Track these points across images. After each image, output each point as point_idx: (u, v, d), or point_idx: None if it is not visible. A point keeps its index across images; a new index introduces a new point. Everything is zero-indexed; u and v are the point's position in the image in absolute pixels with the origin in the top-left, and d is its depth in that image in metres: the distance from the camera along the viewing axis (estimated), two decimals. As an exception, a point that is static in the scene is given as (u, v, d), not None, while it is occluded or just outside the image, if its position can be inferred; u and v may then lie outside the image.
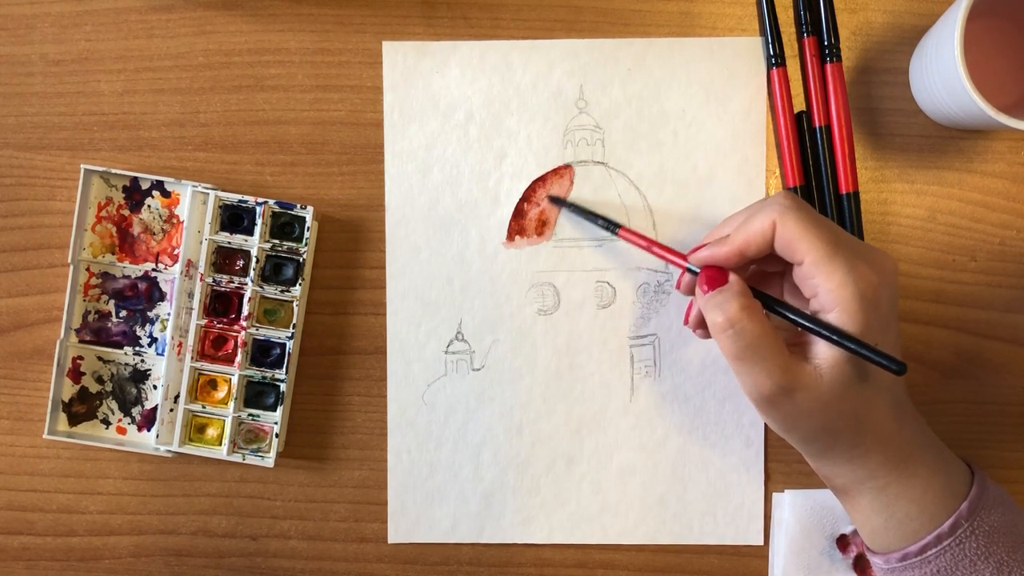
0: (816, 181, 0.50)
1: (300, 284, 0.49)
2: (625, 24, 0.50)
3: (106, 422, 0.50)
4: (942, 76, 0.45)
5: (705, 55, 0.50)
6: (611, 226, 0.48)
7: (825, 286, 0.38)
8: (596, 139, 0.50)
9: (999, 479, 0.50)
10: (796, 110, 0.50)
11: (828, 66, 0.49)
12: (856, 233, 0.49)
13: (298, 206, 0.48)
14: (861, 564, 0.49)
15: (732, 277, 0.40)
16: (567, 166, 0.50)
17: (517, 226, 0.50)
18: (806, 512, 0.49)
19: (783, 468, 0.50)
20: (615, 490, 0.50)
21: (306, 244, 0.49)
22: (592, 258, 0.50)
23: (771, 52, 0.49)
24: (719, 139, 0.50)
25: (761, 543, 0.50)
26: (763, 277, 0.45)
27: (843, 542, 0.50)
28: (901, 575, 0.41)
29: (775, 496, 0.50)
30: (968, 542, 0.40)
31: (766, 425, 0.50)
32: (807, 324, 0.38)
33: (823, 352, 0.39)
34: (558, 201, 0.50)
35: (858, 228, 0.49)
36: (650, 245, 0.46)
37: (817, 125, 0.49)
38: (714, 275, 0.41)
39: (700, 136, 0.50)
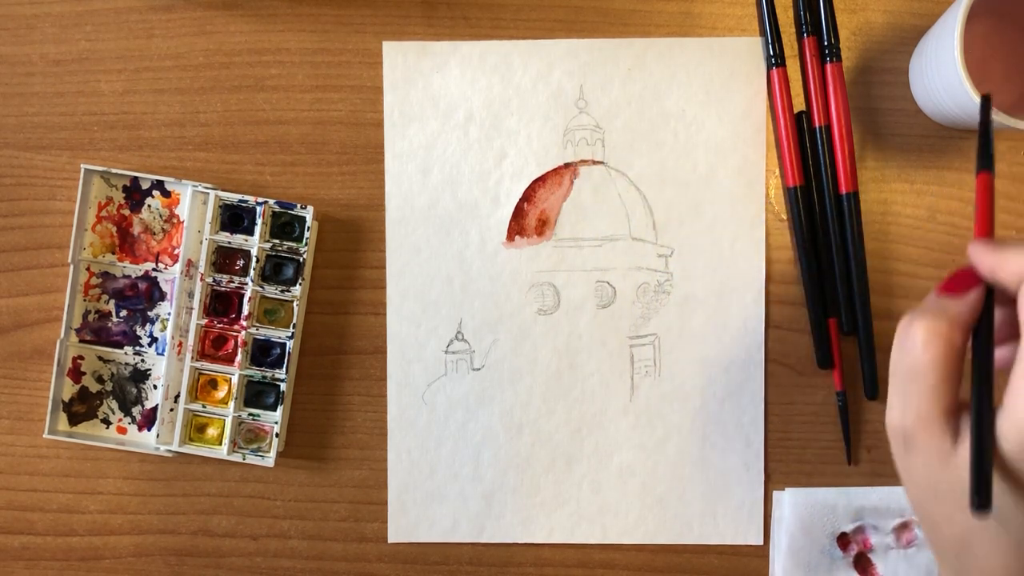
0: (816, 181, 0.50)
1: (300, 284, 0.49)
2: (625, 24, 0.50)
3: (106, 422, 0.50)
4: (942, 76, 0.45)
5: (705, 55, 0.50)
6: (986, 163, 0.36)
7: (1014, 396, 0.29)
8: (596, 139, 0.50)
9: (999, 479, 0.50)
10: (796, 110, 0.50)
11: (828, 66, 0.49)
12: (856, 233, 0.49)
13: (298, 206, 0.48)
14: (861, 562, 0.49)
15: (972, 295, 0.31)
16: (567, 166, 0.50)
17: (517, 226, 0.50)
18: (806, 510, 0.49)
19: (783, 468, 0.50)
20: (615, 490, 0.50)
21: (306, 244, 0.49)
22: (592, 258, 0.50)
23: (771, 52, 0.49)
24: (719, 139, 0.50)
25: (761, 543, 0.50)
26: None
27: (843, 540, 0.50)
28: None
29: (775, 494, 0.50)
30: None
31: (766, 425, 0.50)
32: (977, 413, 0.29)
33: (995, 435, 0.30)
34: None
35: (858, 228, 0.49)
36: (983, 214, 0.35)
37: (817, 125, 0.49)
38: (962, 278, 0.32)
39: (700, 136, 0.50)
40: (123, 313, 0.50)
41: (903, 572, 0.49)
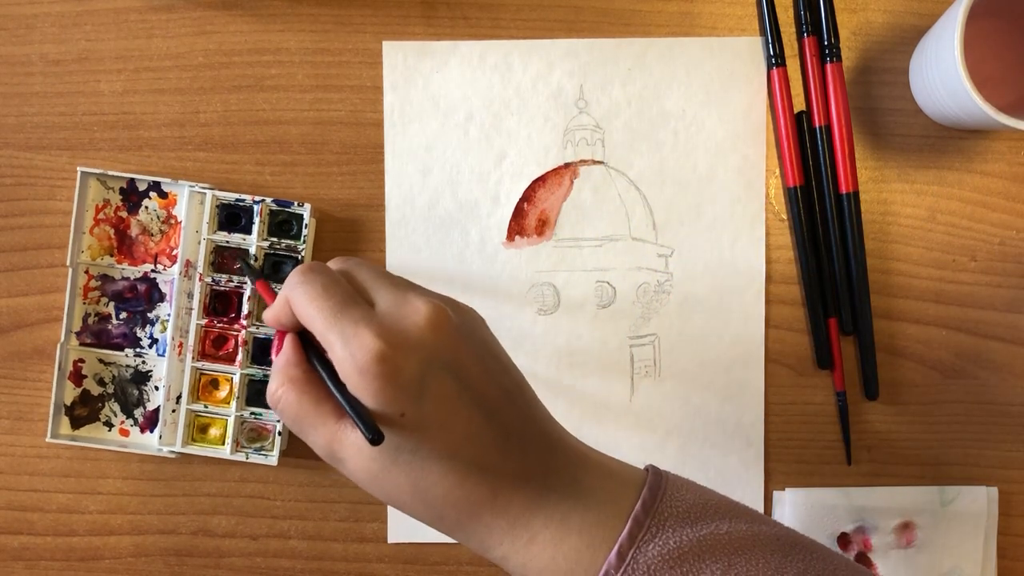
0: (816, 181, 0.50)
1: (300, 284, 0.49)
2: (625, 24, 0.50)
3: (109, 424, 0.50)
4: (942, 76, 0.45)
5: (705, 55, 0.50)
6: (252, 274, 0.44)
7: (333, 360, 0.33)
8: (596, 139, 0.50)
9: (999, 479, 0.50)
10: (796, 110, 0.50)
11: (828, 66, 0.49)
12: (856, 233, 0.49)
13: (295, 203, 0.48)
14: (862, 562, 0.49)
15: (286, 343, 0.36)
16: (567, 166, 0.50)
17: (517, 226, 0.50)
18: (807, 510, 0.49)
19: (783, 467, 0.50)
20: (615, 490, 0.50)
21: (304, 241, 0.48)
22: (592, 258, 0.50)
23: (771, 52, 0.49)
24: (719, 139, 0.50)
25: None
26: None
27: (844, 540, 0.50)
28: None
29: (775, 494, 0.50)
30: None
31: (766, 425, 0.50)
32: (334, 390, 0.34)
33: None
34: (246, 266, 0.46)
35: (858, 228, 0.49)
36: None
37: (817, 125, 0.49)
38: (280, 341, 0.37)
39: (700, 136, 0.50)
40: (123, 315, 0.50)
41: (903, 572, 0.49)
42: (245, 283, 0.49)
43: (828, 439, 0.50)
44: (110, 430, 0.50)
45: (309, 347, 0.36)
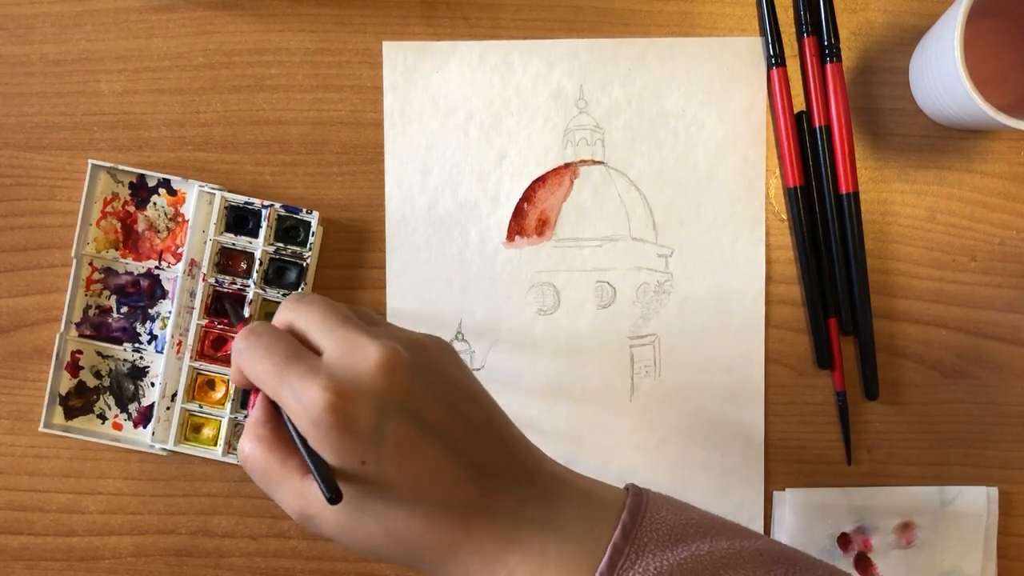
0: (816, 181, 0.50)
1: (302, 288, 0.49)
2: (625, 24, 0.50)
3: (102, 417, 0.50)
4: (942, 76, 0.45)
5: (705, 55, 0.50)
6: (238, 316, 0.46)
7: (291, 416, 0.33)
8: (596, 139, 0.50)
9: (999, 479, 0.50)
10: (796, 110, 0.50)
11: (828, 66, 0.49)
12: (856, 233, 0.49)
13: (304, 210, 0.48)
14: (863, 562, 0.49)
15: (257, 401, 0.36)
16: (567, 166, 0.50)
17: (517, 226, 0.50)
18: (807, 510, 0.49)
19: (783, 468, 0.50)
20: (615, 490, 0.50)
21: (310, 249, 0.48)
22: (592, 258, 0.50)
23: (771, 52, 0.49)
24: (719, 139, 0.50)
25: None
26: None
27: (844, 540, 0.50)
28: None
29: (776, 495, 0.50)
30: None
31: (766, 425, 0.50)
32: (300, 448, 0.34)
33: None
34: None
35: (858, 228, 0.49)
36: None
37: (817, 125, 0.49)
38: (252, 398, 0.37)
39: (700, 136, 0.50)
40: (124, 309, 0.50)
41: (903, 572, 0.49)
42: (248, 286, 0.49)
43: (828, 439, 0.50)
44: (103, 423, 0.50)
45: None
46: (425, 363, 0.35)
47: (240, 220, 0.49)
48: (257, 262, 0.48)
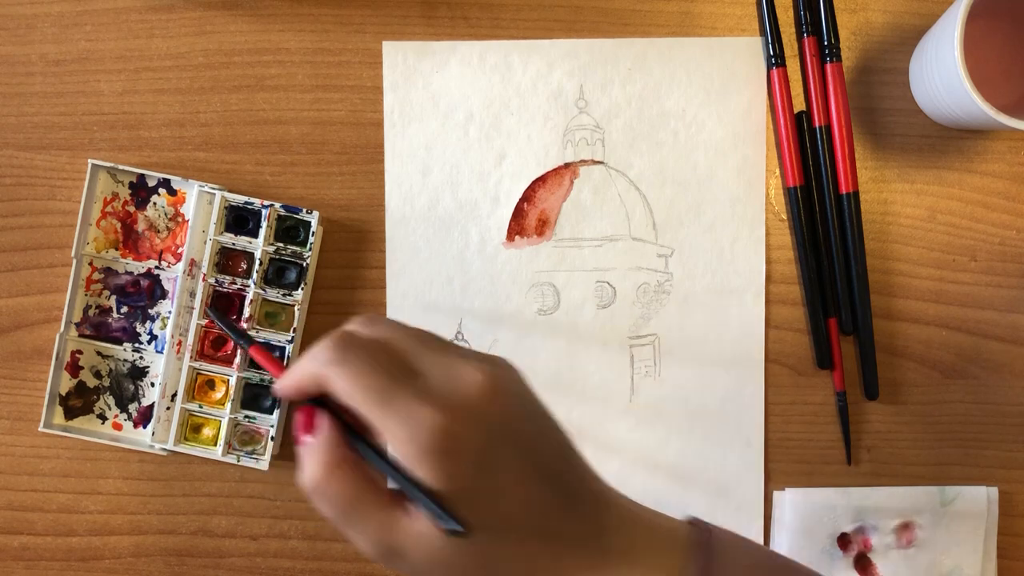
0: (816, 181, 0.50)
1: (302, 288, 0.49)
2: (625, 24, 0.50)
3: (102, 417, 0.50)
4: (942, 76, 0.45)
5: (705, 55, 0.50)
6: (244, 341, 0.44)
7: (390, 444, 0.31)
8: (596, 139, 0.50)
9: (999, 479, 0.50)
10: (796, 110, 0.50)
11: (828, 66, 0.49)
12: (856, 233, 0.49)
13: (304, 210, 0.48)
14: (862, 562, 0.49)
15: (324, 423, 0.33)
16: (567, 166, 0.50)
17: (517, 226, 0.50)
18: (807, 511, 0.49)
19: (783, 468, 0.50)
20: (615, 490, 0.50)
21: (310, 249, 0.48)
22: (592, 258, 0.50)
23: (771, 52, 0.49)
24: (719, 139, 0.50)
25: (761, 543, 0.50)
26: None
27: (844, 540, 0.50)
28: None
29: (776, 495, 0.50)
30: None
31: (766, 425, 0.50)
32: (397, 477, 0.32)
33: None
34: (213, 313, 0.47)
35: (858, 228, 0.49)
36: (274, 370, 0.40)
37: (817, 125, 0.49)
38: (308, 417, 0.34)
39: (700, 136, 0.50)
40: (124, 309, 0.50)
41: (903, 572, 0.49)
42: (248, 286, 0.49)
43: (828, 439, 0.50)
44: (103, 423, 0.50)
45: (346, 428, 0.33)
46: (515, 387, 0.34)
47: (240, 220, 0.49)
48: (257, 262, 0.48)
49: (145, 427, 0.50)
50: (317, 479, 0.32)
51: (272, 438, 0.49)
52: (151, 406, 0.50)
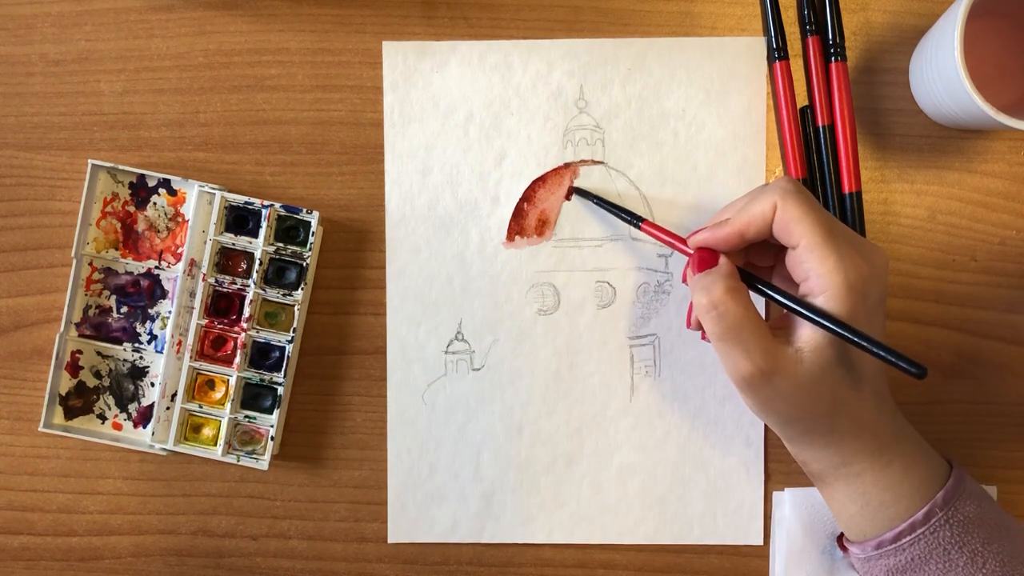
0: (819, 180, 0.50)
1: (302, 288, 0.49)
2: (625, 24, 0.50)
3: (102, 417, 0.50)
4: (942, 76, 0.45)
5: (705, 55, 0.50)
6: (634, 219, 0.47)
7: (817, 270, 0.38)
8: (596, 139, 0.50)
9: (999, 479, 0.50)
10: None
11: (832, 65, 0.49)
12: (858, 233, 0.49)
13: (304, 210, 0.48)
14: (861, 564, 0.49)
15: (722, 259, 0.41)
16: (567, 166, 0.50)
17: (517, 226, 0.50)
18: (807, 510, 0.49)
19: (783, 467, 0.50)
20: (615, 490, 0.50)
21: (310, 249, 0.48)
22: (592, 258, 0.50)
23: (775, 45, 0.49)
24: (719, 139, 0.50)
25: (761, 543, 0.50)
26: (753, 271, 0.45)
27: (843, 540, 0.49)
28: (876, 563, 0.42)
29: (775, 495, 0.50)
30: (942, 531, 0.40)
31: (766, 425, 0.50)
32: (793, 305, 0.39)
33: (806, 336, 0.39)
34: (581, 193, 0.50)
35: (860, 228, 0.49)
36: (670, 239, 0.46)
37: (820, 124, 0.49)
38: (705, 257, 0.42)
39: (700, 136, 0.50)
40: (124, 309, 0.50)
41: (903, 572, 0.49)
42: (248, 286, 0.49)
43: (828, 439, 0.50)
44: (103, 423, 0.50)
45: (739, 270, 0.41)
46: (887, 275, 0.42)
47: (240, 220, 0.49)
48: (257, 262, 0.48)
49: (145, 427, 0.50)
50: (715, 297, 0.39)
51: (272, 438, 0.49)
52: (151, 406, 0.50)
